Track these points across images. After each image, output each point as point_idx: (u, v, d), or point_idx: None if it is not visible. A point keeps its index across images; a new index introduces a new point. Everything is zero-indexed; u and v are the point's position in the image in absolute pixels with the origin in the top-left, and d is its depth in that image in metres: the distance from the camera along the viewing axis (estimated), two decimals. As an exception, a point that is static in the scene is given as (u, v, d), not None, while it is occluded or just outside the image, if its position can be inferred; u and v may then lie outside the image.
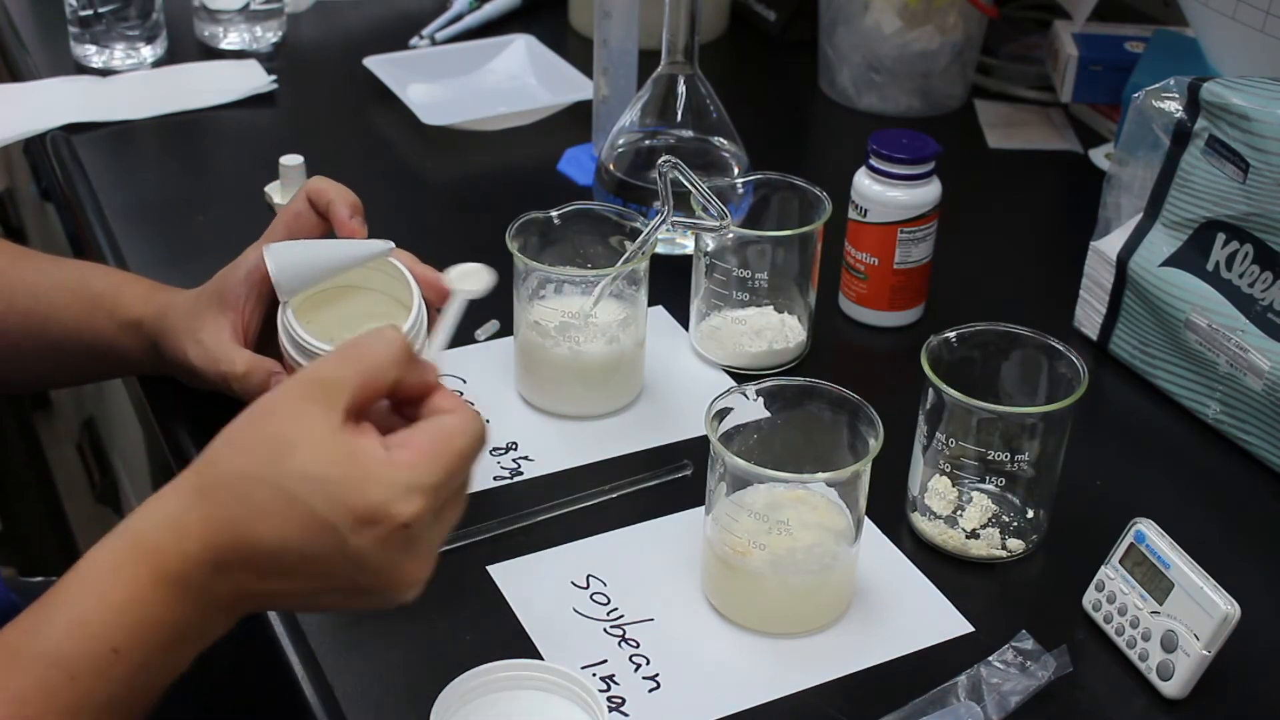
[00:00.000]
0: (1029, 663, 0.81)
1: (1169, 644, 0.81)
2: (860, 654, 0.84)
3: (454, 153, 1.35)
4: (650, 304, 1.06)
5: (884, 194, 1.07)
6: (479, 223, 1.22)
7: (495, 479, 0.96)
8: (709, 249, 1.04)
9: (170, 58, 1.47)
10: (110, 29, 1.43)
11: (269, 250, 0.89)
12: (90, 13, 1.42)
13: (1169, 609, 0.81)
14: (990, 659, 0.81)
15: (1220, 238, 1.00)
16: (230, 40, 1.49)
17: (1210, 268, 1.01)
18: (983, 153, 1.40)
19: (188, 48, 1.49)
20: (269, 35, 1.51)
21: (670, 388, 1.05)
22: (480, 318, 1.09)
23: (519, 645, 0.83)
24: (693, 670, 0.82)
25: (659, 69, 1.15)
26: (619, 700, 0.80)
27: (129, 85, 1.41)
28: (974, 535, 0.90)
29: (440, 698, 0.75)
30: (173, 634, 0.64)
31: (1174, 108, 1.02)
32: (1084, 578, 0.87)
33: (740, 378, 1.05)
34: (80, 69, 1.44)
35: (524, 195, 1.18)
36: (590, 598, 0.87)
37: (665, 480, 0.95)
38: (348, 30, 1.58)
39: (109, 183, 1.26)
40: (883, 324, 1.12)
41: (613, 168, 1.17)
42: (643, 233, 0.99)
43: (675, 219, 1.01)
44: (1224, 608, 0.79)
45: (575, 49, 1.50)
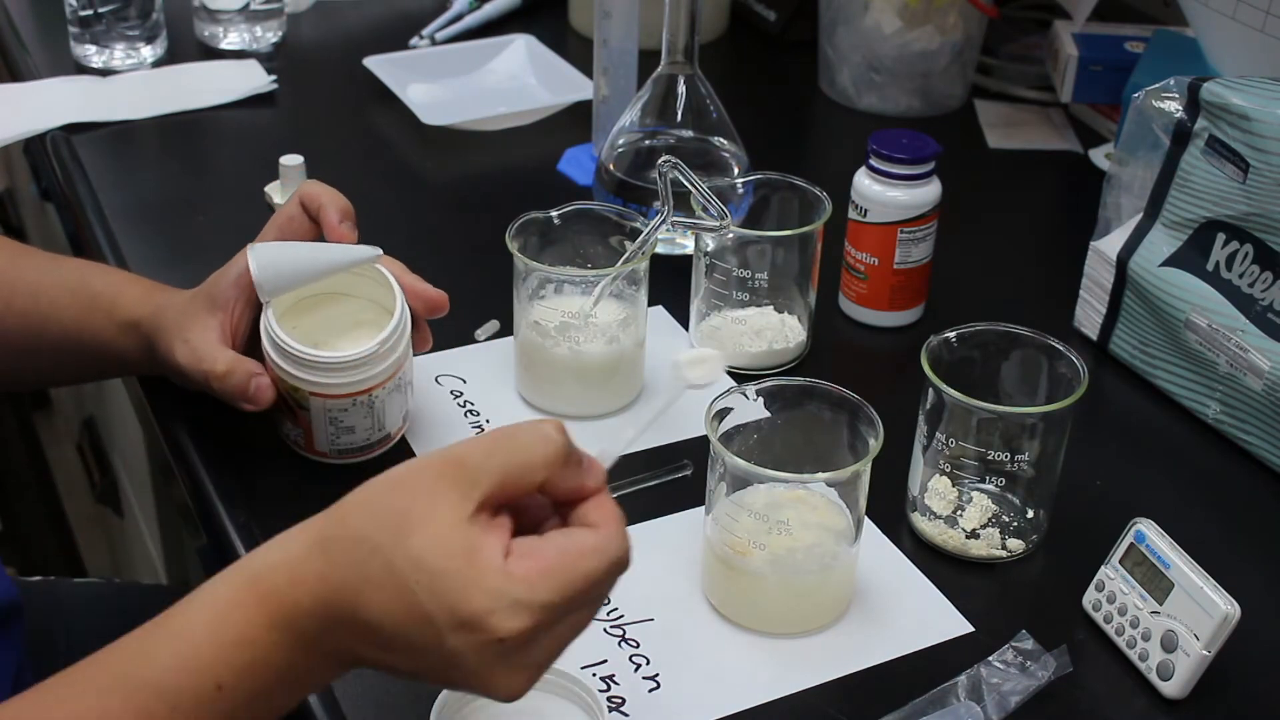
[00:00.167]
0: (1029, 663, 0.81)
1: (1169, 644, 0.81)
2: (860, 654, 0.84)
3: (454, 153, 1.35)
4: (650, 304, 1.06)
5: (884, 194, 1.07)
6: (479, 223, 1.22)
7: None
8: (709, 249, 1.04)
9: (170, 58, 1.47)
10: (110, 29, 1.43)
11: (252, 250, 0.89)
12: (90, 13, 1.42)
13: (1169, 609, 0.81)
14: (990, 659, 0.81)
15: (1220, 238, 1.00)
16: (230, 40, 1.49)
17: (1210, 268, 1.01)
18: (983, 153, 1.40)
19: (188, 48, 1.49)
20: (269, 35, 1.51)
21: (670, 387, 1.04)
22: (480, 318, 1.09)
23: (519, 645, 0.83)
24: (693, 670, 0.82)
25: (659, 69, 1.15)
26: (619, 700, 0.80)
27: (129, 85, 1.41)
28: (974, 535, 0.90)
29: (441, 698, 0.75)
30: (280, 677, 0.64)
31: (1174, 108, 1.02)
32: (1084, 578, 0.87)
33: (740, 378, 1.04)
34: (80, 69, 1.44)
35: (524, 195, 1.18)
36: (590, 598, 0.87)
37: (665, 480, 0.95)
38: (348, 30, 1.58)
39: (109, 183, 1.26)
40: (883, 324, 1.12)
41: (613, 168, 1.17)
42: (643, 233, 0.99)
43: (675, 219, 1.01)
44: (1224, 608, 0.78)
45: (575, 49, 1.50)
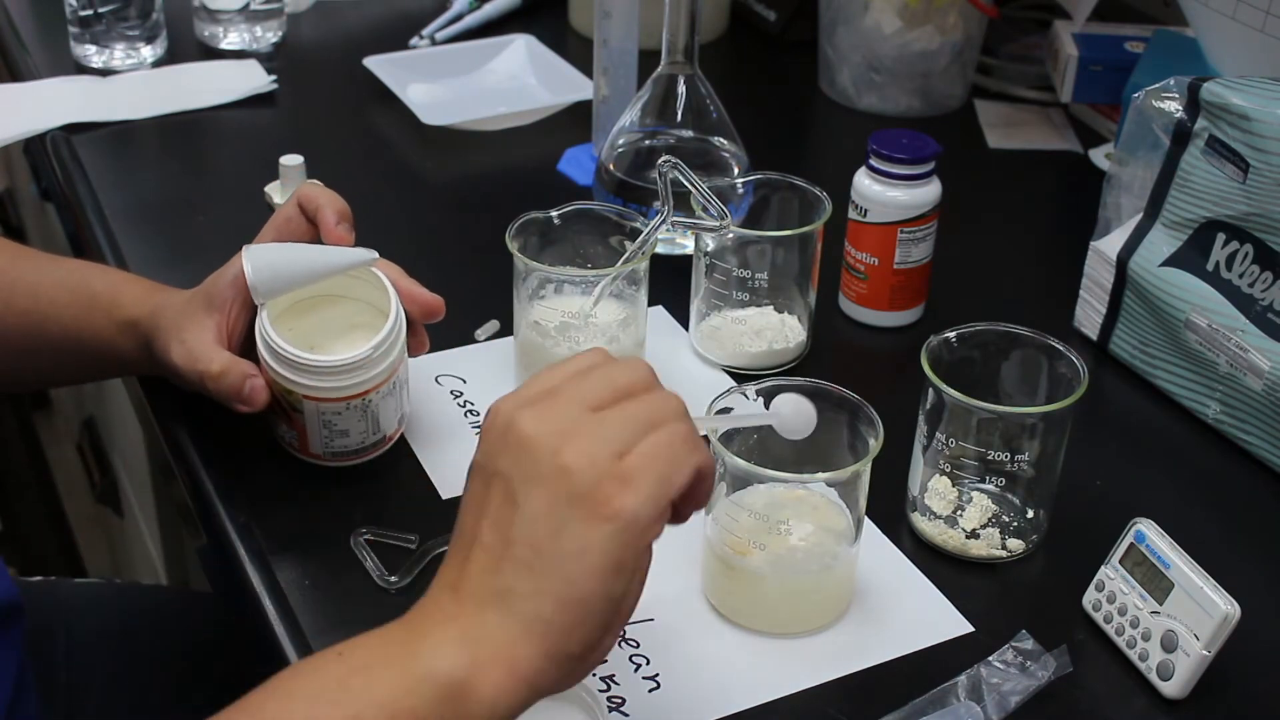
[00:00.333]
0: (1029, 663, 0.81)
1: (1169, 644, 0.81)
2: (860, 654, 0.84)
3: (454, 153, 1.35)
4: (650, 304, 1.06)
5: (884, 194, 1.07)
6: (479, 223, 1.22)
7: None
8: (709, 249, 1.04)
9: (170, 58, 1.47)
10: (110, 29, 1.43)
11: (247, 252, 0.89)
12: (90, 13, 1.42)
13: (1169, 609, 0.81)
14: (990, 659, 0.81)
15: (1220, 238, 1.00)
16: (230, 40, 1.49)
17: (1210, 268, 1.01)
18: (983, 153, 1.40)
19: (188, 48, 1.50)
20: (269, 35, 1.51)
21: (670, 387, 1.04)
22: (480, 318, 1.09)
23: (519, 645, 0.83)
24: (693, 670, 0.82)
25: (659, 69, 1.15)
26: (619, 700, 0.80)
27: (129, 85, 1.41)
28: (974, 535, 0.90)
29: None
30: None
31: (1174, 108, 1.02)
32: (1084, 578, 0.87)
33: (740, 378, 1.05)
34: (80, 69, 1.44)
35: (524, 195, 1.17)
36: (590, 598, 0.87)
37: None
38: (348, 30, 1.58)
39: (109, 183, 1.26)
40: (883, 324, 1.12)
41: (613, 168, 1.17)
42: (643, 233, 0.99)
43: (675, 219, 1.00)
44: (1224, 608, 0.78)
45: (575, 49, 1.50)
